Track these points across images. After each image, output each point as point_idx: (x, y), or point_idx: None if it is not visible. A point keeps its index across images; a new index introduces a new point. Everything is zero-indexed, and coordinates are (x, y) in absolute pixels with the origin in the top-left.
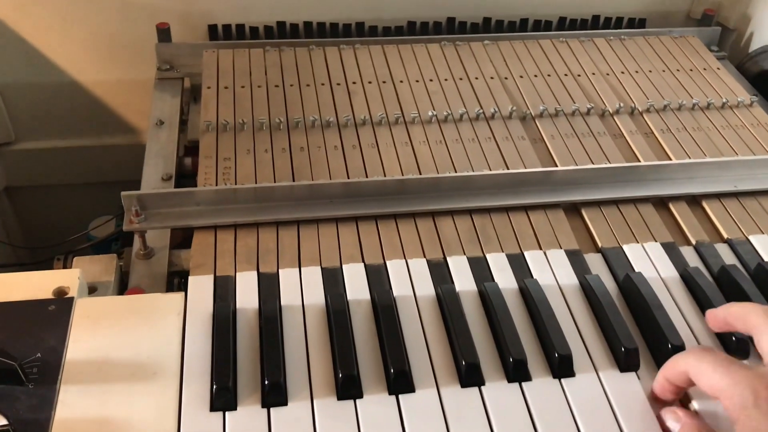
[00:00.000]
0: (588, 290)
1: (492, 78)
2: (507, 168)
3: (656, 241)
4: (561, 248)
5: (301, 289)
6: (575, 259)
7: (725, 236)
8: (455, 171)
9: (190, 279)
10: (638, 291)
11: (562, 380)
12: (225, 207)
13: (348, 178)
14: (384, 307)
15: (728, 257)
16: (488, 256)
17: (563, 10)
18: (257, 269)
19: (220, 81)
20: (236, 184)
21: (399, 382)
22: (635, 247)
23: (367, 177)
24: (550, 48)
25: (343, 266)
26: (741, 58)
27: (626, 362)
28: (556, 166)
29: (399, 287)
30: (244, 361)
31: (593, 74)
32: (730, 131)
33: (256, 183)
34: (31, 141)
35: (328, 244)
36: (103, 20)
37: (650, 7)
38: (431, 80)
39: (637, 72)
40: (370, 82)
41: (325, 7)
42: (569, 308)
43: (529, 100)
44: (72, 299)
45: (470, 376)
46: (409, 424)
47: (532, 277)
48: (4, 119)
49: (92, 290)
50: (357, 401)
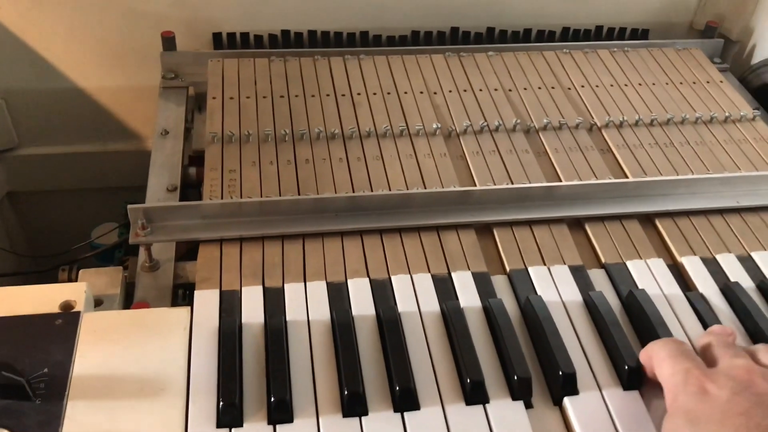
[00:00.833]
0: (592, 307)
1: (496, 90)
2: (511, 182)
3: (659, 258)
4: (565, 264)
5: (307, 304)
6: (579, 275)
7: (729, 252)
8: (459, 184)
9: (196, 293)
10: (642, 308)
11: (566, 398)
12: (230, 220)
13: (353, 191)
14: (389, 324)
15: (731, 273)
16: (492, 272)
17: (566, 21)
18: (263, 283)
19: (226, 91)
20: (241, 197)
21: (404, 400)
22: (639, 264)
23: (372, 190)
24: (554, 59)
25: (348, 281)
26: (743, 71)
27: (629, 380)
28: (560, 181)
29: (404, 303)
30: (250, 377)
31: (597, 87)
32: (733, 146)
33: (262, 196)
34: (35, 146)
35: (333, 259)
36: (108, 27)
37: (653, 18)
38: (435, 93)
39: (641, 84)
40: (375, 94)
41: (329, 17)
42: (573, 325)
43: (533, 113)
44: (79, 313)
45: (475, 394)
46: None
47: (536, 293)
48: (8, 125)
49: (98, 303)
50: (362, 419)
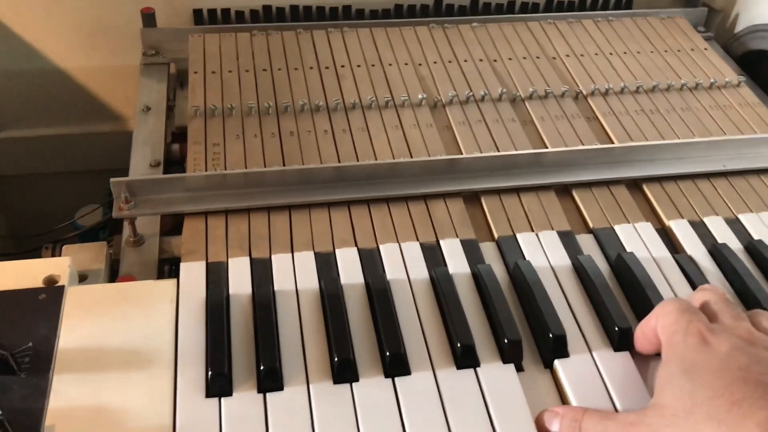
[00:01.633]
0: (581, 271)
1: (481, 60)
2: (498, 150)
3: (647, 222)
4: (553, 229)
5: (295, 275)
6: (567, 240)
7: (717, 215)
8: (446, 154)
9: (182, 265)
10: (631, 271)
11: (557, 360)
12: (215, 193)
13: (339, 162)
14: (378, 291)
15: (719, 236)
16: (481, 239)
17: None
18: (249, 255)
19: (207, 66)
20: (226, 170)
21: (395, 365)
22: (627, 228)
23: (358, 161)
24: (539, 30)
25: (336, 251)
26: (727, 39)
27: (620, 342)
28: (547, 148)
29: (393, 271)
30: (239, 348)
31: (582, 56)
32: (719, 111)
33: (246, 168)
34: (15, 129)
35: (321, 229)
36: (87, 5)
37: None
38: (420, 64)
39: (626, 53)
40: (359, 66)
41: None
42: (562, 289)
43: (519, 83)
44: (63, 287)
45: (465, 358)
46: (406, 407)
47: (525, 259)
48: None
49: (83, 278)
50: (353, 385)
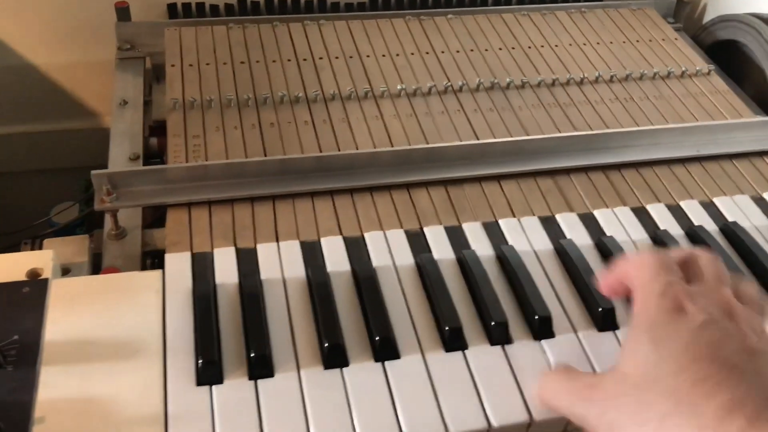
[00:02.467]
0: (563, 254)
1: (458, 52)
2: (477, 139)
3: (625, 206)
4: (534, 215)
5: (281, 263)
6: (549, 226)
7: (692, 198)
8: (427, 143)
9: (167, 256)
10: (611, 254)
11: (543, 341)
12: (197, 184)
13: (320, 153)
14: (365, 278)
15: (695, 218)
16: (464, 225)
17: None
18: (234, 245)
19: (185, 59)
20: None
21: (384, 349)
22: (606, 212)
23: (340, 151)
24: (513, 21)
25: (321, 239)
26: (696, 29)
27: (604, 322)
28: (525, 136)
29: (378, 258)
30: (227, 337)
31: (556, 46)
32: (691, 99)
33: (228, 159)
34: None
35: (305, 219)
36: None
37: None
38: (398, 55)
39: (599, 43)
40: (337, 58)
41: None
42: (545, 272)
43: (496, 73)
44: (47, 280)
45: (454, 341)
46: (397, 389)
47: (508, 244)
48: None
49: (65, 272)
50: (344, 369)
